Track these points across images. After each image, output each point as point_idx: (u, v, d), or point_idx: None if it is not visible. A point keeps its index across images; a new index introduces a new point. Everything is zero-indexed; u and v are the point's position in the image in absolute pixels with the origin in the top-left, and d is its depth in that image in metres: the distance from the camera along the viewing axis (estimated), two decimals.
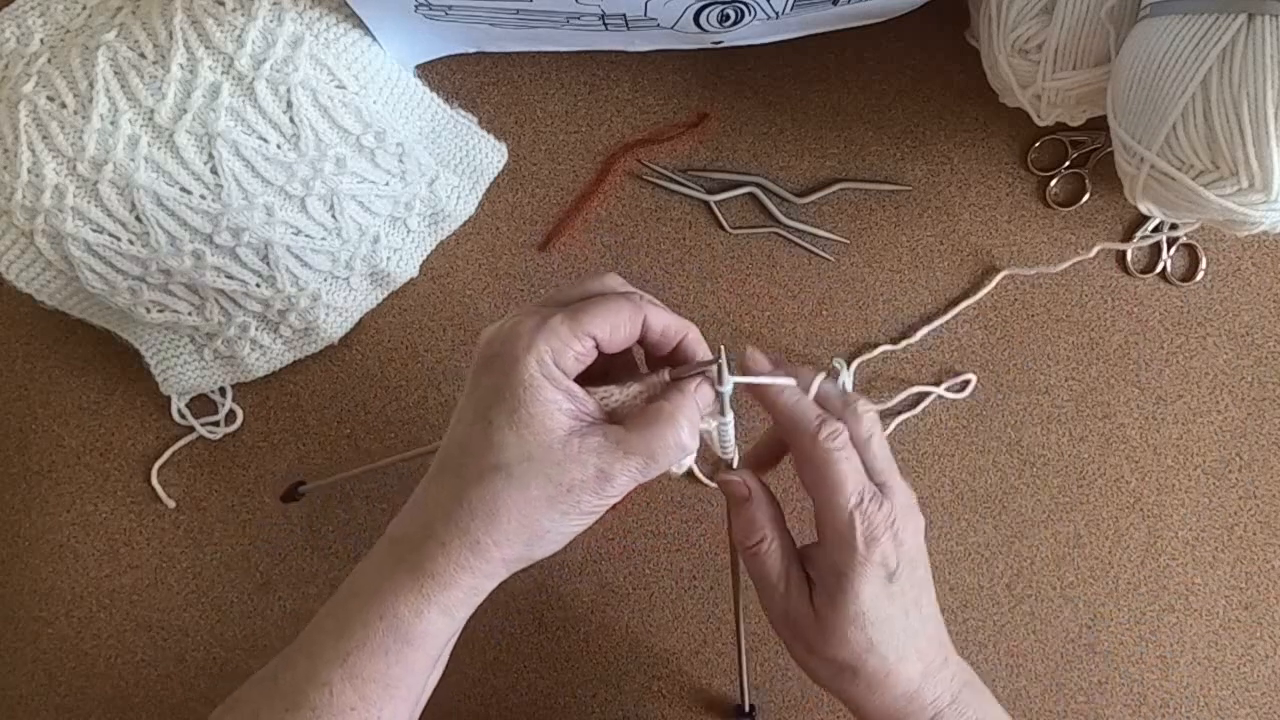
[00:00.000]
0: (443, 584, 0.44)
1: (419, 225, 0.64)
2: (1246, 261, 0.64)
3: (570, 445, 0.43)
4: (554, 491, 0.43)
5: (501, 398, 0.43)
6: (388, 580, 0.44)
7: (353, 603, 0.45)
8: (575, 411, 0.44)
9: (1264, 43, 0.46)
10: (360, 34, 0.55)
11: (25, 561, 0.66)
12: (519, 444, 0.43)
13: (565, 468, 0.43)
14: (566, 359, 0.44)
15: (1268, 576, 0.64)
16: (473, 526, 0.43)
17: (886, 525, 0.46)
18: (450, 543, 0.43)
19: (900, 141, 0.64)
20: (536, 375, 0.43)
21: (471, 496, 0.43)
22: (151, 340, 0.63)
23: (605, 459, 0.43)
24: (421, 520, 0.45)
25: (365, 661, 0.44)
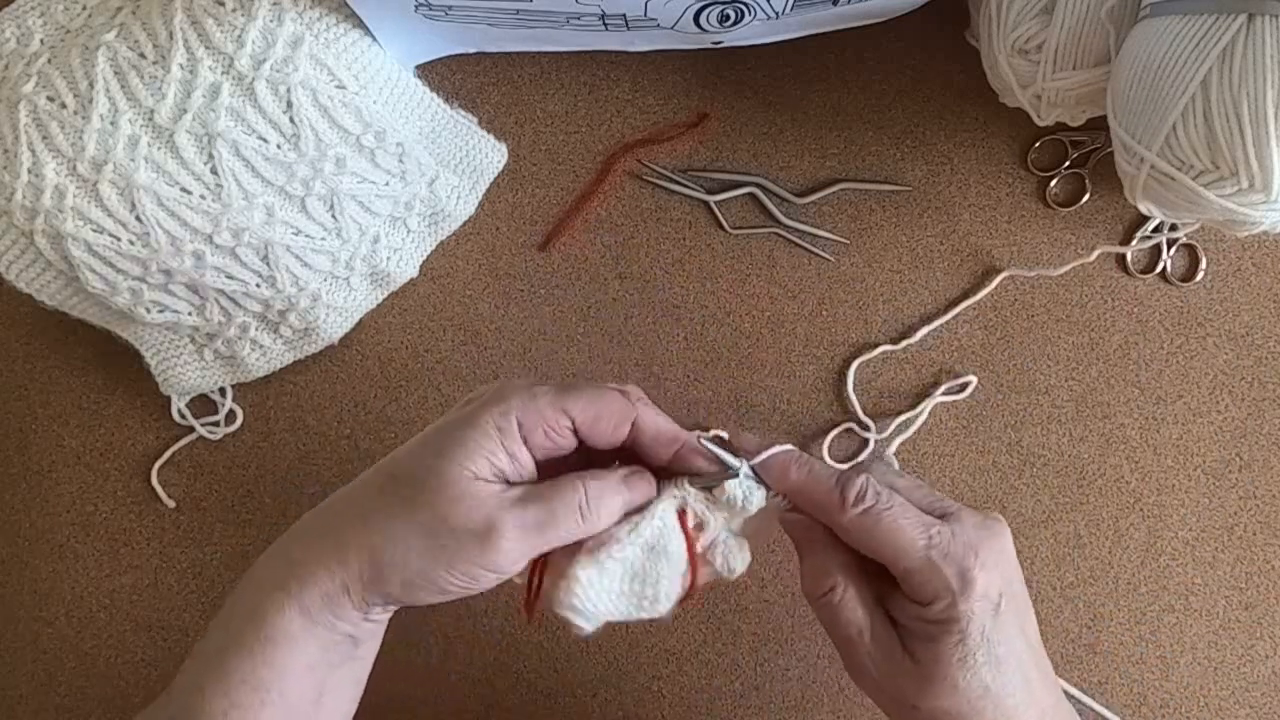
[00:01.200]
0: (301, 580, 0.42)
1: (419, 225, 0.64)
2: (1246, 261, 0.64)
3: (472, 486, 0.41)
4: (434, 526, 0.41)
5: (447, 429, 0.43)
6: (262, 574, 0.43)
7: (234, 604, 0.44)
8: (507, 468, 0.42)
9: (1264, 43, 0.46)
10: (360, 34, 0.55)
11: (25, 561, 0.66)
12: (427, 468, 0.42)
13: (454, 505, 0.41)
14: (534, 425, 0.42)
15: (1268, 576, 0.64)
16: (343, 525, 0.42)
17: (971, 551, 0.42)
18: (324, 535, 0.42)
19: (900, 141, 0.64)
20: (490, 425, 0.42)
21: (360, 496, 0.43)
22: (151, 340, 0.63)
23: (500, 506, 0.41)
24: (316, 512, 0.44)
25: (234, 662, 0.42)
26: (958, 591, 0.42)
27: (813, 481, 0.45)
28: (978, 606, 0.42)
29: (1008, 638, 0.42)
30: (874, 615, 0.44)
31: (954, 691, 0.42)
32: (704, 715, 0.65)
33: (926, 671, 0.42)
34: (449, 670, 0.65)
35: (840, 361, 0.64)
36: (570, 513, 0.42)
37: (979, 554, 0.42)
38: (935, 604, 0.42)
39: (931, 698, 0.42)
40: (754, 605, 0.64)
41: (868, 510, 0.43)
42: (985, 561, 0.42)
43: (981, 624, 0.42)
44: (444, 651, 0.65)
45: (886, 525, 0.43)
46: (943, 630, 0.42)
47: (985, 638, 0.42)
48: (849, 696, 0.64)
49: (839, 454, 0.64)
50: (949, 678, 0.42)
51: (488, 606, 0.65)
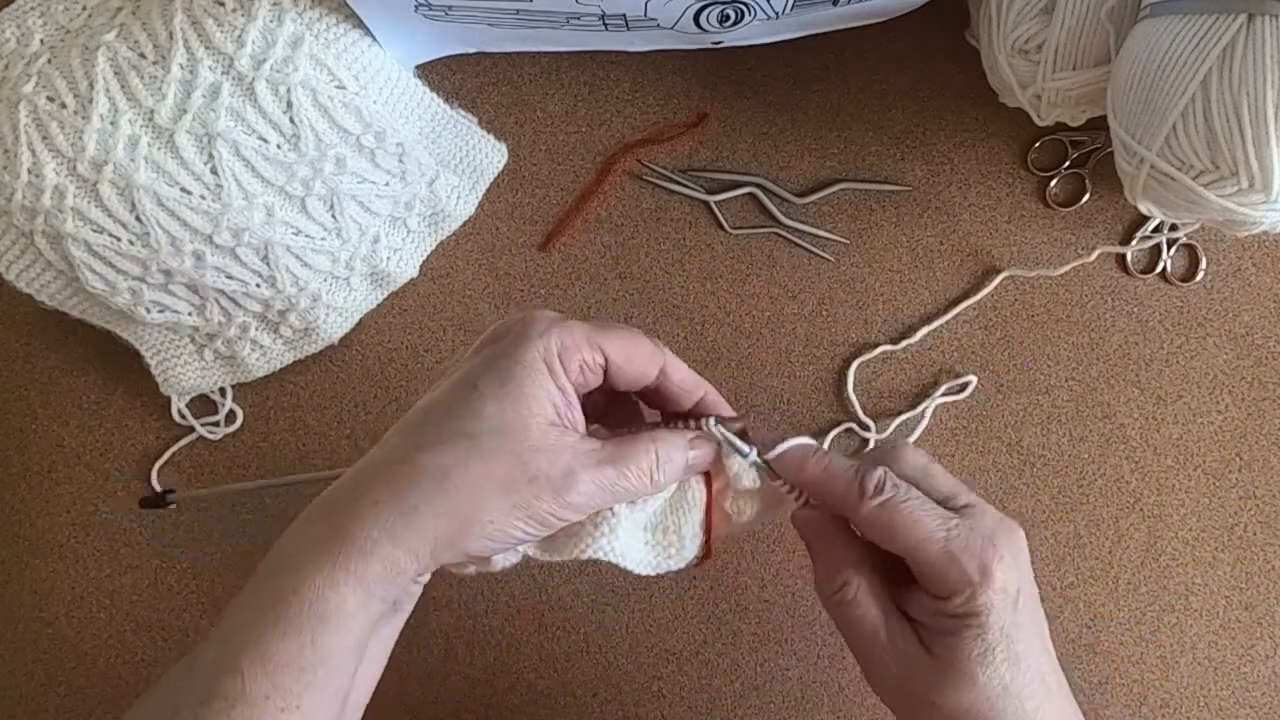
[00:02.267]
0: (362, 551, 0.39)
1: (419, 225, 0.64)
2: (1246, 261, 0.64)
3: (549, 434, 0.40)
4: (515, 475, 0.40)
5: (495, 369, 0.41)
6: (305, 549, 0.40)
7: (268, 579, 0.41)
8: (564, 409, 0.42)
9: (1264, 43, 0.46)
10: (360, 34, 0.55)
11: (25, 561, 0.66)
12: (498, 416, 0.40)
13: (535, 455, 0.40)
14: (573, 362, 0.41)
15: (1268, 576, 0.64)
16: (412, 492, 0.39)
17: (990, 544, 0.42)
18: (384, 501, 0.39)
19: (900, 141, 0.64)
20: (538, 359, 0.41)
21: (424, 459, 0.40)
22: (151, 340, 0.63)
23: (577, 458, 0.41)
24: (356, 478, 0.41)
25: (278, 643, 0.39)
26: (977, 584, 0.41)
27: (830, 474, 0.44)
28: (997, 600, 0.41)
29: (1026, 636, 0.42)
30: (889, 613, 0.44)
31: (974, 687, 0.41)
32: (704, 715, 0.65)
33: (945, 667, 0.41)
34: (449, 670, 0.65)
35: (840, 361, 0.64)
36: (643, 475, 0.42)
37: (997, 548, 0.42)
38: (954, 598, 0.41)
39: (952, 694, 0.41)
40: (754, 605, 0.64)
41: (886, 502, 0.42)
42: (1004, 556, 0.42)
43: (1001, 618, 0.41)
44: (444, 652, 0.65)
45: (905, 517, 0.42)
46: (962, 624, 0.41)
47: (1004, 633, 0.41)
48: (849, 696, 0.64)
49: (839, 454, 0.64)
50: (969, 673, 0.41)
51: (488, 607, 0.65)
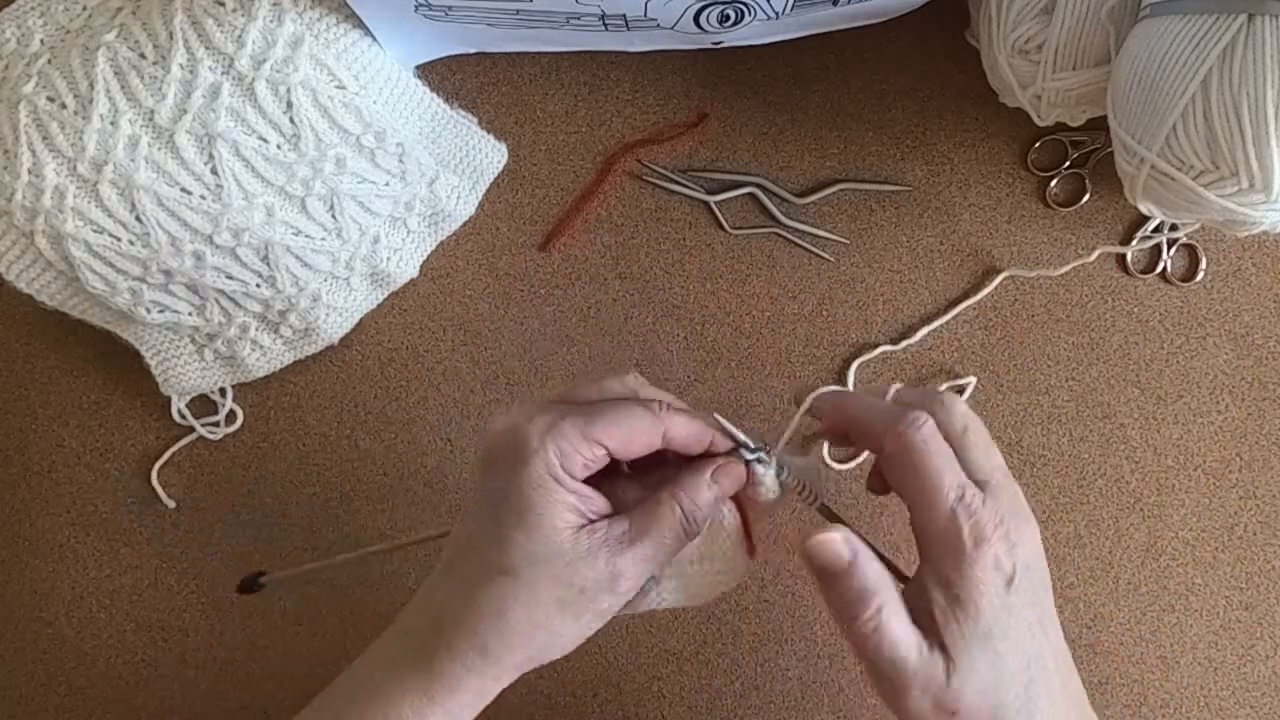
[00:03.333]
0: (448, 687, 0.43)
1: (419, 225, 0.64)
2: (1246, 261, 0.64)
3: (580, 542, 0.42)
4: (565, 594, 0.42)
5: (508, 497, 0.42)
6: (393, 678, 0.43)
7: (353, 698, 0.44)
8: (583, 509, 0.43)
9: (1264, 43, 0.46)
10: (360, 34, 0.55)
11: (25, 561, 0.66)
12: (527, 545, 0.42)
13: (576, 568, 0.42)
14: (575, 464, 0.42)
15: (1268, 576, 0.64)
16: (481, 629, 0.42)
17: (995, 524, 0.41)
18: (458, 645, 0.42)
19: (900, 141, 0.64)
20: (544, 476, 0.42)
21: (480, 599, 0.42)
22: (151, 340, 0.63)
23: (614, 551, 0.42)
24: (431, 617, 0.44)
25: None
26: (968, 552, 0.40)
27: (872, 405, 0.44)
28: (986, 575, 0.40)
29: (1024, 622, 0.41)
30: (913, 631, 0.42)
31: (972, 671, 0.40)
32: (704, 715, 0.65)
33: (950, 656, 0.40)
34: None
35: (840, 361, 0.64)
36: (676, 533, 0.43)
37: (1001, 526, 0.41)
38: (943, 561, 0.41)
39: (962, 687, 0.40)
40: (754, 605, 0.64)
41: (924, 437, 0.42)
42: (1006, 535, 0.41)
43: (993, 596, 0.40)
44: None
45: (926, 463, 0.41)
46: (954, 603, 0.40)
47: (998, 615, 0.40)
48: (849, 697, 0.64)
49: (839, 453, 0.64)
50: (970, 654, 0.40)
51: None
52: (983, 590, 0.40)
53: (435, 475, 0.65)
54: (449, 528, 0.49)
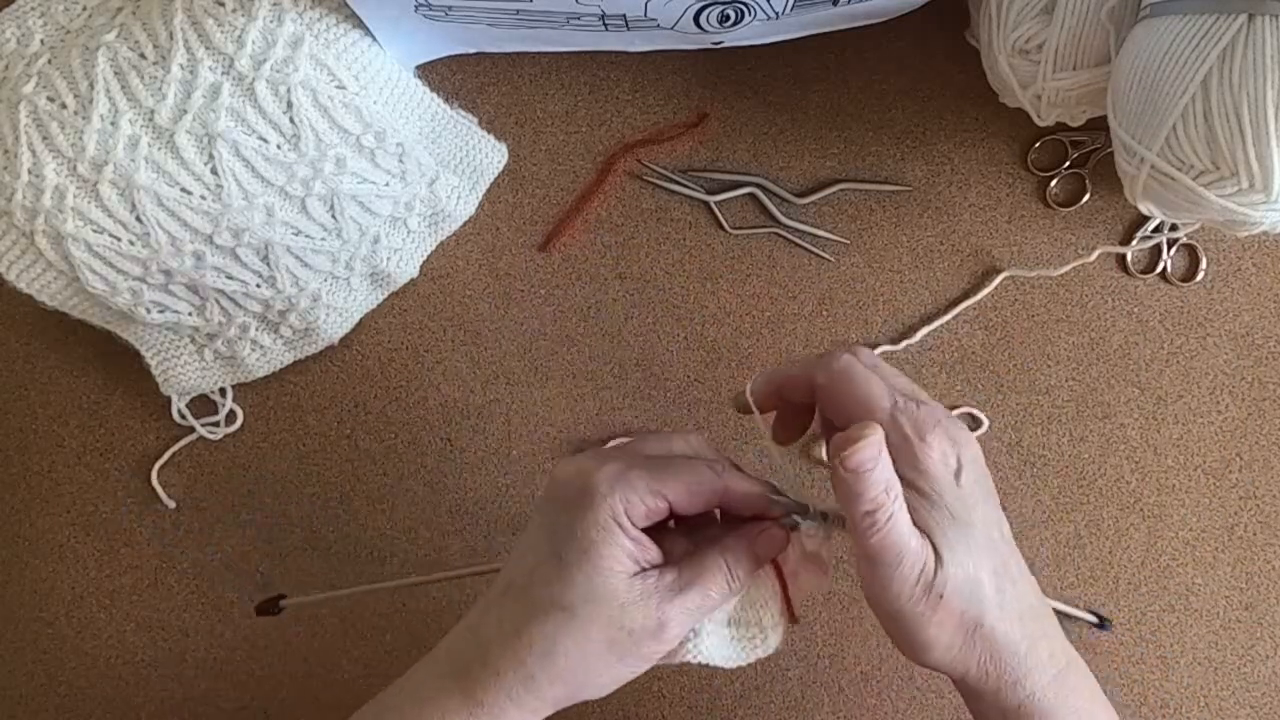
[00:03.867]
0: (491, 713, 0.44)
1: (419, 226, 0.64)
2: (1246, 261, 0.64)
3: (634, 587, 0.44)
4: (615, 635, 0.44)
5: (574, 536, 0.44)
6: (435, 700, 0.45)
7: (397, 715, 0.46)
8: (639, 557, 0.45)
9: (1264, 43, 0.46)
10: (360, 34, 0.55)
11: (25, 561, 0.66)
12: (586, 584, 0.44)
13: (627, 611, 0.44)
14: (638, 513, 0.44)
15: (1268, 576, 0.64)
16: (529, 660, 0.44)
17: (933, 423, 0.44)
18: (505, 673, 0.44)
19: (900, 141, 0.64)
20: (610, 522, 0.44)
21: (533, 630, 0.44)
22: (151, 340, 0.63)
23: (663, 598, 0.44)
24: (478, 644, 0.45)
25: None
26: (915, 443, 0.43)
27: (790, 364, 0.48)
28: (940, 469, 0.43)
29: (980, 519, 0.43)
30: None
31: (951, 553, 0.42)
32: (704, 715, 0.65)
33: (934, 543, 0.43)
34: None
35: None
36: (721, 587, 0.45)
37: (939, 426, 0.44)
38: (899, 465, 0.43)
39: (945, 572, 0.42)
40: None
41: (845, 368, 0.45)
42: (945, 434, 0.44)
43: (945, 485, 0.43)
44: None
45: (857, 386, 0.45)
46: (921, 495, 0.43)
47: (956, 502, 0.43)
48: (849, 697, 0.64)
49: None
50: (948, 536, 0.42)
51: None
52: (939, 481, 0.43)
53: (435, 475, 0.65)
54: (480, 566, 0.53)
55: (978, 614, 0.43)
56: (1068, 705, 0.44)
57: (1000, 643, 0.43)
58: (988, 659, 0.44)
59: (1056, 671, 0.44)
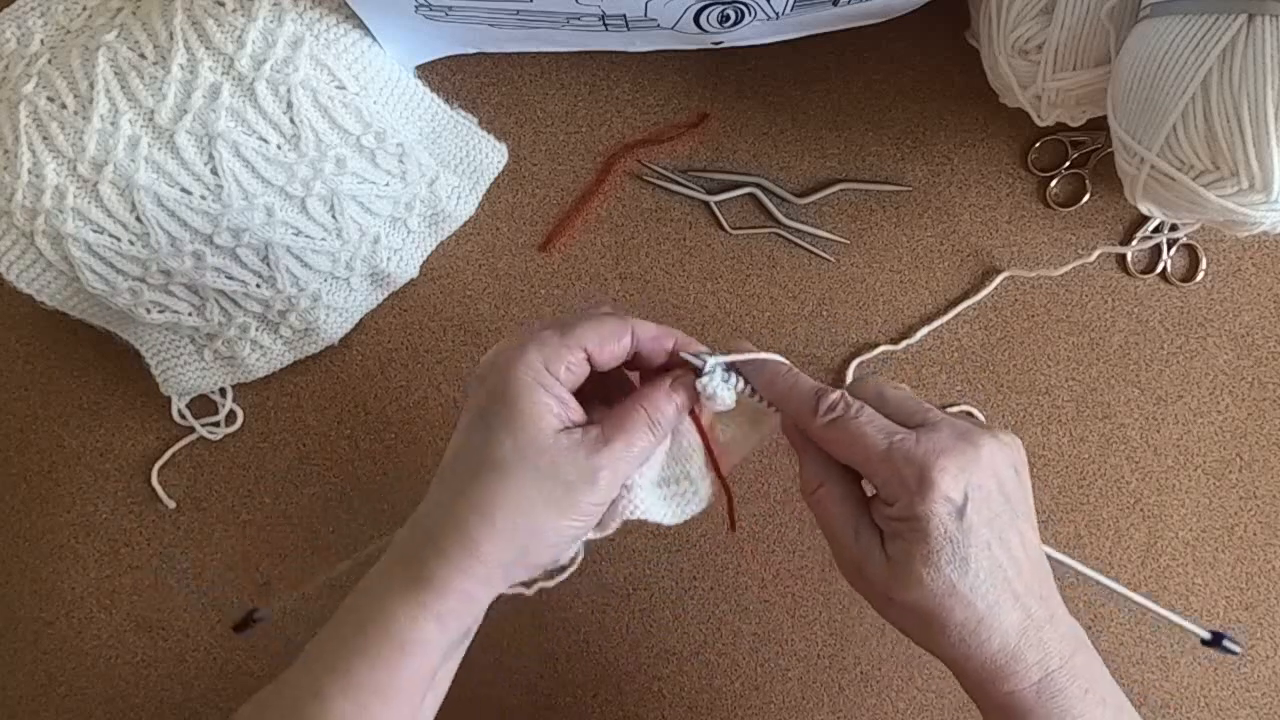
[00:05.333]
0: (438, 590, 0.44)
1: (419, 226, 0.64)
2: (1246, 262, 0.64)
3: (561, 441, 0.45)
4: (548, 487, 0.44)
5: (496, 401, 0.45)
6: (385, 587, 0.45)
7: (352, 614, 0.46)
8: (565, 415, 0.46)
9: (1264, 43, 0.46)
10: (360, 34, 0.55)
11: (25, 561, 0.66)
12: (513, 443, 0.44)
13: (559, 464, 0.44)
14: (558, 367, 0.45)
15: (1268, 577, 0.64)
16: (469, 526, 0.44)
17: (935, 456, 0.44)
18: (447, 547, 0.44)
19: (900, 141, 0.64)
20: (528, 380, 0.45)
21: (470, 494, 0.44)
22: (151, 341, 0.63)
23: (591, 448, 0.45)
24: (421, 526, 0.46)
25: (362, 670, 0.44)
26: (915, 491, 0.43)
27: (794, 391, 0.47)
28: (938, 507, 0.43)
29: (977, 541, 0.44)
30: (860, 517, 0.47)
31: (920, 586, 0.44)
32: (704, 715, 0.65)
33: (896, 567, 0.44)
34: None
35: (840, 361, 0.64)
36: (644, 434, 0.46)
37: (943, 458, 0.44)
38: (896, 504, 0.44)
39: (902, 591, 0.44)
40: (754, 605, 0.64)
41: (835, 420, 0.46)
42: (949, 466, 0.44)
43: (943, 524, 0.43)
44: None
45: (851, 432, 0.45)
46: (907, 528, 0.44)
47: (949, 538, 0.43)
48: (849, 697, 0.64)
49: None
50: (915, 573, 0.44)
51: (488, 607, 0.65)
52: (934, 524, 0.43)
53: (435, 475, 0.65)
54: None
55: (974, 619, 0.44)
56: (1047, 706, 0.45)
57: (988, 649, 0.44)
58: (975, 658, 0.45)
59: (1043, 675, 0.45)
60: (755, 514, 0.64)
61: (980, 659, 0.44)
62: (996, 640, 0.44)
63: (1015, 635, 0.44)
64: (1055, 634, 0.46)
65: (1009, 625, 0.44)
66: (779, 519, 0.64)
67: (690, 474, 0.50)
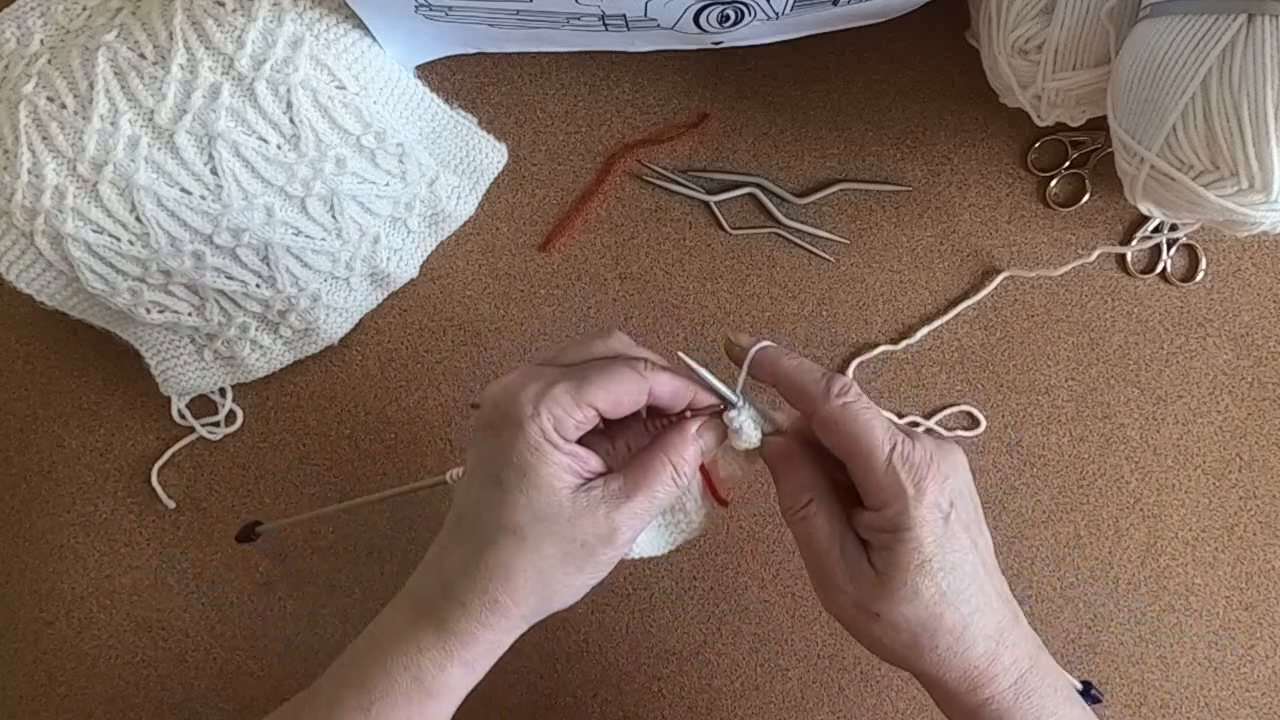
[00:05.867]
0: (464, 641, 0.45)
1: (419, 226, 0.64)
2: (1246, 262, 0.64)
3: (578, 502, 0.45)
4: (567, 548, 0.45)
5: (509, 462, 0.45)
6: (410, 635, 0.46)
7: (374, 655, 0.46)
8: (579, 470, 0.45)
9: (1264, 43, 0.46)
10: (360, 34, 0.55)
11: (25, 561, 0.66)
12: (529, 506, 0.44)
13: (577, 524, 0.45)
14: (567, 428, 0.45)
15: (1268, 576, 0.64)
16: (490, 586, 0.45)
17: (928, 464, 0.44)
18: (470, 602, 0.45)
19: (900, 141, 0.64)
20: (541, 441, 0.44)
21: (488, 558, 0.45)
22: (151, 341, 0.63)
23: (611, 506, 0.45)
24: (441, 579, 0.46)
25: (388, 712, 0.45)
26: (911, 497, 0.44)
27: (801, 371, 0.47)
28: (928, 514, 0.44)
29: (960, 547, 0.44)
30: (845, 532, 0.46)
31: (914, 597, 0.44)
32: (704, 715, 0.65)
33: (889, 581, 0.44)
34: None
35: (840, 361, 0.64)
36: (667, 486, 0.46)
37: (934, 466, 0.44)
38: (888, 508, 0.44)
39: (893, 604, 0.44)
40: (754, 605, 0.64)
41: (848, 404, 0.45)
42: (938, 474, 0.44)
43: (933, 531, 0.44)
44: None
45: (863, 422, 0.45)
46: (898, 538, 0.44)
47: (938, 545, 0.44)
48: (849, 697, 0.64)
49: None
50: (908, 584, 0.44)
51: None
52: (925, 530, 0.44)
53: (435, 475, 0.65)
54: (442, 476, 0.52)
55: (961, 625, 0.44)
56: (1024, 707, 0.45)
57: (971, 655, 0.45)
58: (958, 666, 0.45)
59: (1018, 676, 0.45)
60: (755, 514, 0.64)
61: (963, 667, 0.45)
62: (980, 645, 0.45)
63: (994, 639, 0.45)
64: (1022, 634, 0.46)
65: (989, 629, 0.45)
66: (779, 519, 0.64)
67: (686, 507, 0.50)
